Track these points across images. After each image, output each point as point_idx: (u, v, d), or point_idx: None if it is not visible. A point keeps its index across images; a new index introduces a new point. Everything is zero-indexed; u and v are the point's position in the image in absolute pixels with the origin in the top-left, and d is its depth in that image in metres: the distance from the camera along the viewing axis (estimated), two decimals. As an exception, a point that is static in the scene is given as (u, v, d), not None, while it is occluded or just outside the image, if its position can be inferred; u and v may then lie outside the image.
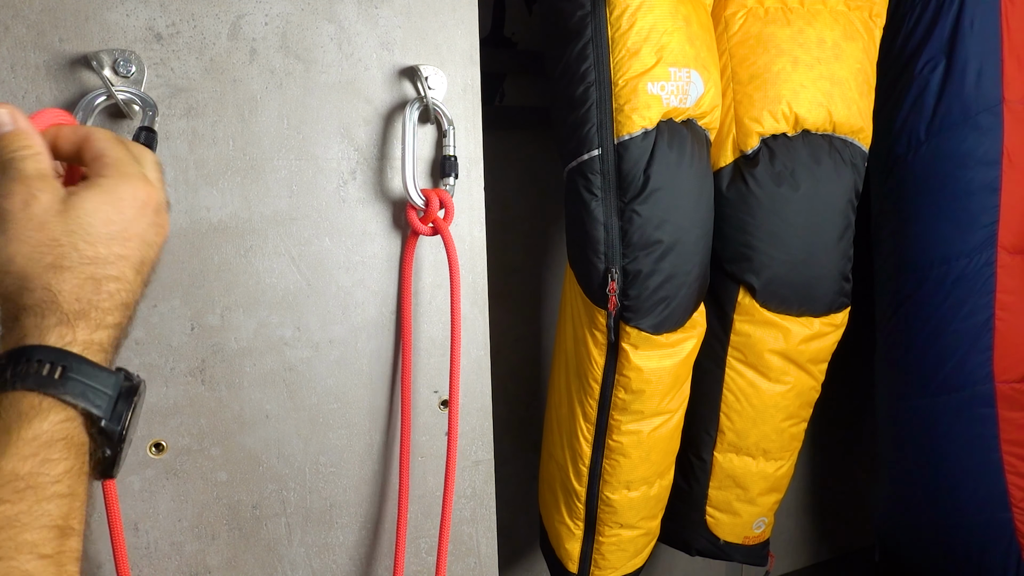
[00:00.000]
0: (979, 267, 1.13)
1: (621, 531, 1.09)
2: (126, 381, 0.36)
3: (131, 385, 0.36)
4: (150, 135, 0.56)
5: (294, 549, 0.72)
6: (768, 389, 1.10)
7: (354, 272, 0.71)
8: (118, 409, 0.35)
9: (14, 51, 0.57)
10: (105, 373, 0.35)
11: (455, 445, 0.72)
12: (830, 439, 1.78)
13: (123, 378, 0.36)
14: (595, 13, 0.86)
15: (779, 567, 1.82)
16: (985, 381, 1.16)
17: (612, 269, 0.92)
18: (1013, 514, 1.18)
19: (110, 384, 0.35)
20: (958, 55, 1.10)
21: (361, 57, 0.69)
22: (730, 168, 1.01)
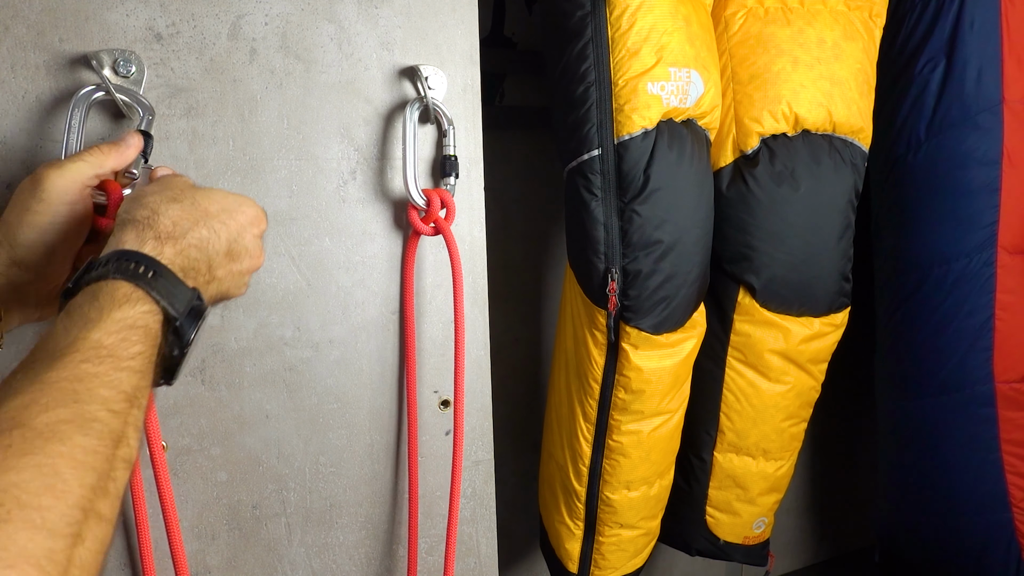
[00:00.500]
0: (979, 267, 1.13)
1: (621, 531, 1.09)
2: (197, 300, 0.42)
3: (200, 304, 0.42)
4: (147, 138, 0.56)
5: (294, 549, 0.72)
6: (768, 389, 1.10)
7: (354, 272, 0.71)
8: (189, 317, 0.41)
9: (14, 51, 0.57)
10: (183, 286, 0.42)
11: (460, 445, 0.72)
12: (830, 439, 1.78)
13: (196, 296, 0.42)
14: (595, 13, 0.86)
15: (779, 567, 1.82)
16: (985, 381, 1.16)
17: (612, 269, 0.92)
18: (1013, 514, 1.18)
19: (186, 295, 0.41)
20: (958, 55, 1.10)
21: (361, 57, 0.69)
22: (730, 168, 1.01)
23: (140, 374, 0.37)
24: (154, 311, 0.39)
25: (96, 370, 0.35)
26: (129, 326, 0.38)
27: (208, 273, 0.45)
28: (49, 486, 0.30)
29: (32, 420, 0.31)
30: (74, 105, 0.56)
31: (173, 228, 0.44)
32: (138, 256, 0.40)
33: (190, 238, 0.44)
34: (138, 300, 0.39)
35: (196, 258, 0.44)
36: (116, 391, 0.35)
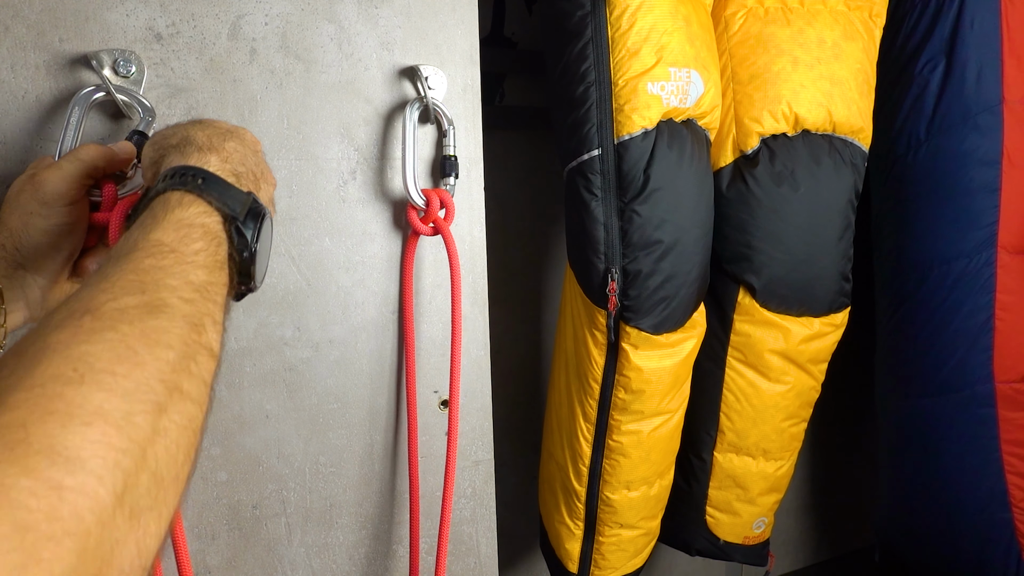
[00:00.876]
0: (979, 267, 1.13)
1: (621, 531, 1.09)
2: (254, 202, 0.43)
3: (258, 206, 0.43)
4: (141, 138, 0.56)
5: (294, 549, 0.72)
6: (768, 389, 1.10)
7: (354, 272, 0.71)
8: (249, 217, 0.42)
9: (14, 51, 0.57)
10: (236, 189, 0.42)
11: (455, 445, 0.72)
12: (830, 439, 1.78)
13: (252, 199, 0.43)
14: (595, 13, 0.86)
15: (779, 567, 1.82)
16: (985, 381, 1.16)
17: (612, 269, 0.92)
18: (1013, 514, 1.18)
19: (240, 197, 0.42)
20: (958, 55, 1.10)
21: (361, 57, 0.69)
22: (730, 168, 1.01)
23: (207, 269, 0.38)
24: (209, 211, 0.40)
25: (160, 263, 0.36)
26: (187, 224, 0.39)
27: (255, 181, 0.46)
28: (122, 356, 0.30)
29: (100, 307, 0.31)
30: (74, 104, 0.56)
31: (209, 141, 0.45)
32: (184, 168, 0.42)
33: (228, 148, 0.45)
34: (191, 203, 0.40)
35: (239, 163, 0.45)
36: (183, 281, 0.36)
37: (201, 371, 0.34)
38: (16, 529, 0.23)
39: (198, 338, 0.35)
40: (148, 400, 0.29)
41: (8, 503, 0.23)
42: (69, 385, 0.27)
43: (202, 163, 0.43)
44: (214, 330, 0.37)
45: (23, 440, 0.25)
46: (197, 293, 0.36)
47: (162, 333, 0.32)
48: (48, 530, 0.24)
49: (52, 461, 0.25)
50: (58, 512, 0.24)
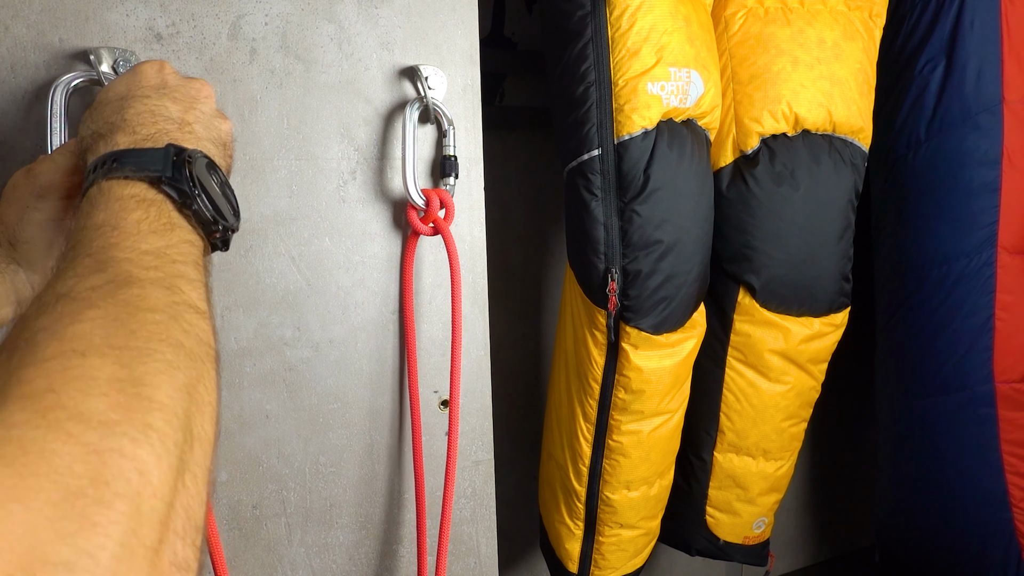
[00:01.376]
0: (979, 267, 1.13)
1: (621, 531, 1.09)
2: (176, 151, 0.41)
3: (181, 151, 0.42)
4: None
5: (294, 549, 0.72)
6: (768, 389, 1.10)
7: (354, 272, 0.71)
8: (175, 171, 0.40)
9: (14, 51, 0.57)
10: (151, 150, 0.41)
11: (455, 445, 0.72)
12: (830, 439, 1.78)
13: (173, 151, 0.41)
14: (595, 13, 0.86)
15: (779, 567, 1.82)
16: (985, 381, 1.16)
17: (612, 269, 0.92)
18: (1013, 514, 1.18)
19: (158, 156, 0.41)
20: (958, 55, 1.10)
21: (361, 57, 0.69)
22: (730, 168, 1.01)
23: (156, 234, 0.37)
24: (132, 182, 0.39)
25: (108, 241, 0.35)
26: (118, 199, 0.38)
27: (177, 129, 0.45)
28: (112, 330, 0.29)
29: (71, 291, 0.31)
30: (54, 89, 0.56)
31: (110, 123, 0.44)
32: (96, 161, 0.41)
33: (129, 117, 0.44)
34: (114, 183, 0.39)
35: (148, 124, 0.44)
36: (136, 252, 0.35)
37: (194, 328, 0.34)
38: (65, 496, 0.23)
39: (177, 298, 0.34)
40: (158, 361, 0.29)
41: (53, 470, 0.23)
42: (75, 358, 0.27)
43: (110, 147, 0.42)
44: (192, 288, 0.36)
45: (56, 405, 0.25)
46: (156, 258, 0.36)
47: (139, 300, 0.32)
48: (96, 494, 0.23)
49: (87, 425, 0.25)
50: (103, 475, 0.24)
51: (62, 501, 0.22)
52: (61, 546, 0.22)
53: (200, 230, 0.41)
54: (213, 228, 0.42)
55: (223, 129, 0.49)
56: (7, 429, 0.24)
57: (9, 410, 0.25)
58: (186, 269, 0.37)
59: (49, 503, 0.22)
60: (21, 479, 0.22)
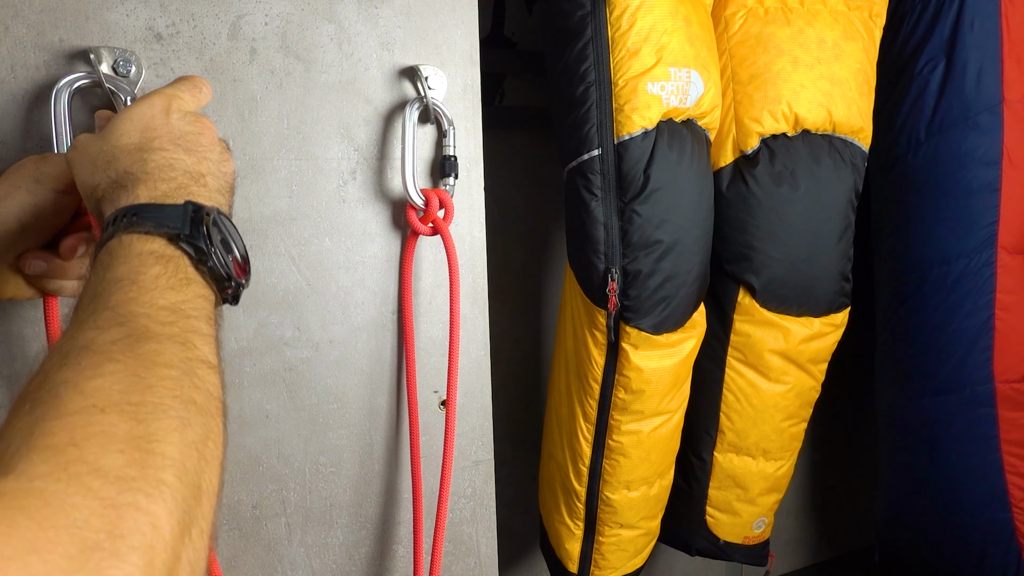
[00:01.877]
0: (979, 267, 1.13)
1: (621, 531, 1.09)
2: (194, 208, 0.43)
3: (199, 213, 0.43)
4: None
5: (294, 549, 0.72)
6: (768, 389, 1.10)
7: (354, 272, 0.71)
8: (193, 228, 0.42)
9: (14, 51, 0.57)
10: (170, 207, 0.42)
11: (451, 445, 0.72)
12: (830, 439, 1.78)
13: (191, 208, 0.42)
14: (595, 13, 0.86)
15: (779, 567, 1.82)
16: (985, 381, 1.16)
17: (612, 269, 0.92)
18: (1013, 514, 1.18)
19: (177, 212, 0.42)
20: (958, 55, 1.10)
21: (361, 57, 0.69)
22: (730, 168, 1.01)
23: (172, 290, 0.38)
24: (151, 238, 0.40)
25: (127, 296, 0.36)
26: (137, 255, 0.39)
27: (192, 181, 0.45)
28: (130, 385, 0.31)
29: (92, 343, 0.32)
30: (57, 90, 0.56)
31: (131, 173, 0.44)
32: (116, 214, 0.42)
33: (151, 168, 0.45)
34: (134, 238, 0.40)
35: (167, 178, 0.45)
36: (154, 308, 0.36)
37: (206, 384, 0.35)
38: (82, 549, 0.23)
39: (191, 354, 0.35)
40: (172, 417, 0.30)
41: (72, 523, 0.24)
42: (96, 414, 0.28)
43: (132, 200, 0.43)
44: (204, 343, 0.37)
45: (77, 459, 0.26)
46: (172, 314, 0.37)
47: (156, 355, 0.33)
48: (112, 547, 0.24)
49: (105, 480, 0.26)
50: (119, 529, 0.25)
51: (79, 554, 0.23)
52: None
53: (214, 285, 0.43)
54: (226, 284, 0.43)
55: (229, 172, 0.50)
56: (30, 480, 0.25)
57: (32, 461, 0.26)
58: (200, 324, 0.38)
59: (66, 556, 0.23)
60: (41, 531, 0.23)
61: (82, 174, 0.47)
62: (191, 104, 0.50)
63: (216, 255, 0.42)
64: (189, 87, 0.52)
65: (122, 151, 0.46)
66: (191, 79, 0.53)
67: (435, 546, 0.73)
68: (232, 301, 0.45)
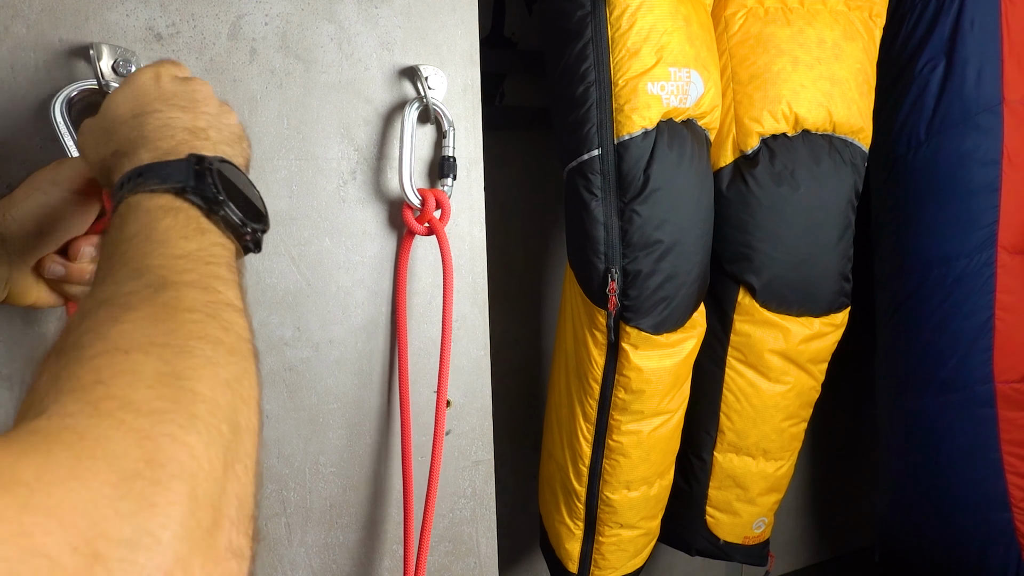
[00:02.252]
0: (979, 267, 1.13)
1: (621, 531, 1.09)
2: (196, 161, 0.42)
3: (202, 165, 0.42)
4: None
5: (294, 549, 0.72)
6: (768, 389, 1.10)
7: (354, 272, 0.71)
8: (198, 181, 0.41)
9: (14, 51, 0.57)
10: (173, 162, 0.42)
11: (440, 445, 0.72)
12: (830, 439, 1.78)
13: (195, 160, 0.42)
14: (595, 13, 0.86)
15: (779, 567, 1.82)
16: (985, 381, 1.16)
17: (612, 269, 0.92)
18: (1013, 514, 1.18)
19: (181, 165, 0.42)
20: (958, 55, 1.10)
21: (361, 57, 0.69)
22: (730, 168, 1.01)
23: (186, 239, 0.38)
24: (158, 194, 0.40)
25: (140, 250, 0.36)
26: (146, 211, 0.39)
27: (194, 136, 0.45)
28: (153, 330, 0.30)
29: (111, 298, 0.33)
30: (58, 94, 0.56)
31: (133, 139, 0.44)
32: (124, 178, 0.42)
33: (148, 130, 0.45)
34: (142, 197, 0.40)
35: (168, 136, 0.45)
36: (168, 259, 0.36)
37: (234, 326, 0.34)
38: (123, 478, 0.23)
39: (213, 297, 0.35)
40: (198, 356, 0.30)
41: (109, 453, 0.23)
42: (120, 355, 0.28)
43: (135, 163, 0.43)
44: (227, 287, 0.37)
45: (106, 396, 0.26)
46: (189, 262, 0.37)
47: (176, 301, 0.33)
48: (153, 475, 0.24)
49: (138, 413, 0.26)
50: (158, 458, 0.24)
51: (120, 482, 0.23)
52: (123, 524, 0.22)
53: (230, 233, 0.42)
54: (242, 231, 0.43)
55: (232, 124, 0.49)
56: (62, 419, 0.25)
57: (62, 402, 0.26)
58: (219, 270, 0.38)
59: (108, 483, 0.23)
60: (78, 461, 0.23)
61: (90, 156, 0.47)
62: (176, 72, 0.50)
63: (226, 203, 0.41)
64: (171, 62, 0.52)
65: (119, 122, 0.46)
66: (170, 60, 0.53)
67: (421, 544, 0.73)
68: (255, 248, 0.45)
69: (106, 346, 0.29)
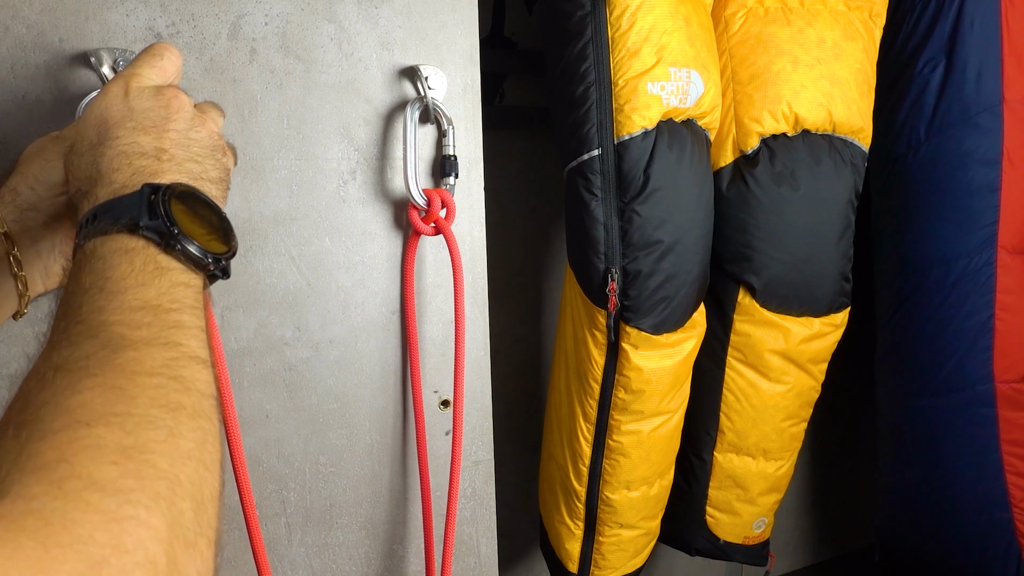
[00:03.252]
0: (979, 267, 1.13)
1: (621, 531, 1.09)
2: (151, 191, 0.39)
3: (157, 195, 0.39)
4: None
5: (294, 549, 0.72)
6: (768, 389, 1.10)
7: (354, 272, 0.71)
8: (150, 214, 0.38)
9: (14, 51, 0.57)
10: (128, 196, 0.40)
11: (460, 445, 0.72)
12: (830, 439, 1.78)
13: (148, 191, 0.39)
14: (595, 13, 0.86)
15: (779, 567, 1.82)
16: (985, 381, 1.16)
17: (612, 269, 0.92)
18: (1013, 514, 1.18)
19: (134, 199, 0.39)
20: (958, 55, 1.10)
21: (361, 57, 0.69)
22: (730, 168, 1.01)
23: (144, 286, 0.36)
24: (112, 236, 0.38)
25: (96, 304, 0.34)
26: (102, 258, 0.37)
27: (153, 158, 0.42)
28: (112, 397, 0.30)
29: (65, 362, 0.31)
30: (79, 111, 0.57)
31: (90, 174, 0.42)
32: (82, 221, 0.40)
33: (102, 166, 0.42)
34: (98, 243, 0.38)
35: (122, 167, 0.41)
36: (126, 312, 0.34)
37: (195, 383, 0.33)
38: (90, 566, 0.23)
39: (174, 353, 0.34)
40: (160, 428, 0.29)
41: (76, 539, 0.23)
42: (82, 428, 0.27)
43: (92, 202, 0.40)
44: (189, 337, 0.35)
45: (71, 474, 0.25)
46: (147, 314, 0.35)
47: (136, 364, 0.32)
48: (120, 563, 0.23)
49: (104, 493, 0.25)
50: (124, 544, 0.24)
51: (88, 571, 0.22)
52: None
53: (192, 267, 0.40)
54: (204, 263, 0.40)
55: (203, 137, 0.46)
56: (27, 501, 0.24)
57: (26, 483, 0.25)
58: (182, 317, 0.36)
59: (75, 573, 0.22)
60: (46, 551, 0.22)
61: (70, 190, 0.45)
62: (151, 77, 0.47)
63: (182, 237, 0.39)
64: (148, 59, 0.48)
65: (81, 156, 0.44)
66: (151, 48, 0.49)
67: (446, 547, 0.73)
68: (222, 276, 0.42)
69: (67, 420, 0.28)
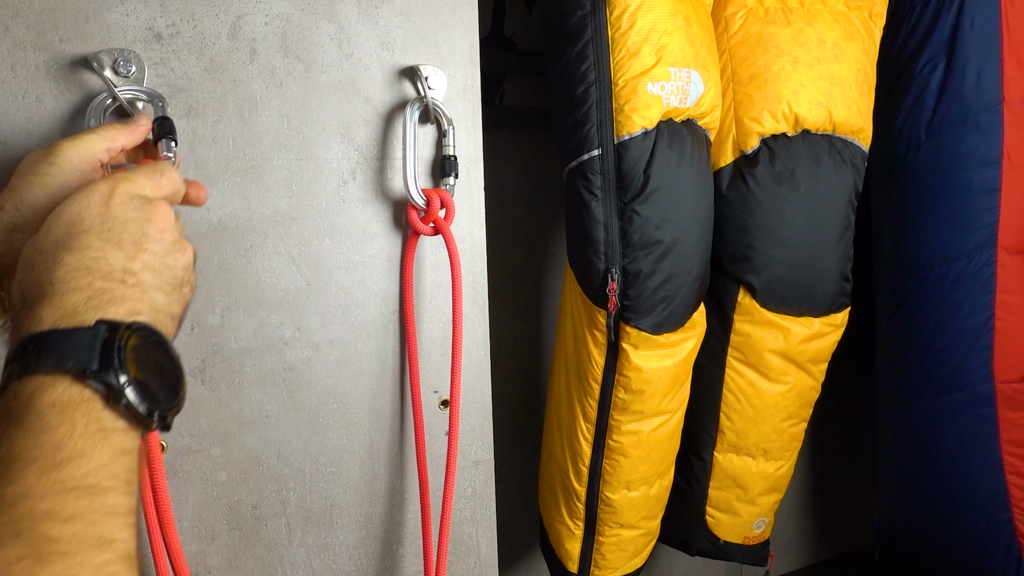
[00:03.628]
0: (979, 267, 1.13)
1: (621, 531, 1.09)
2: (108, 331, 0.35)
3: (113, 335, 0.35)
4: (164, 122, 0.56)
5: (294, 549, 0.72)
6: (768, 389, 1.10)
7: (354, 272, 0.71)
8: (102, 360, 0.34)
9: (14, 51, 0.57)
10: (78, 331, 0.35)
11: (455, 445, 0.72)
12: (830, 439, 1.78)
13: (104, 329, 0.35)
14: (595, 13, 0.86)
15: (779, 567, 1.82)
16: (985, 381, 1.16)
17: (612, 269, 0.92)
18: (1013, 514, 1.18)
19: (86, 337, 0.35)
20: (958, 55, 1.10)
21: (361, 57, 0.69)
22: (730, 168, 1.01)
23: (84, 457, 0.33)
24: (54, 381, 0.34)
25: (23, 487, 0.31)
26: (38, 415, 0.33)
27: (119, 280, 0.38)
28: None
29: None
30: (89, 114, 0.57)
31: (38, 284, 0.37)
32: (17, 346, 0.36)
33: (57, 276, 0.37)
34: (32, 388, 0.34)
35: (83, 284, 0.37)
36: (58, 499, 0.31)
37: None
38: None
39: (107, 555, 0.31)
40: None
41: None
42: None
43: (33, 324, 0.36)
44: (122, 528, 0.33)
45: None
46: (81, 497, 0.31)
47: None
48: None
49: None
50: None
51: None
52: None
53: (136, 425, 0.36)
54: (147, 421, 0.37)
55: (179, 265, 0.43)
56: None
57: None
58: (119, 499, 0.33)
59: None
60: None
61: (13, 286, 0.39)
62: (143, 188, 0.43)
63: (133, 392, 0.35)
64: (147, 171, 0.45)
65: (41, 253, 0.38)
66: (155, 164, 0.47)
67: (440, 547, 0.73)
68: (163, 430, 0.39)
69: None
